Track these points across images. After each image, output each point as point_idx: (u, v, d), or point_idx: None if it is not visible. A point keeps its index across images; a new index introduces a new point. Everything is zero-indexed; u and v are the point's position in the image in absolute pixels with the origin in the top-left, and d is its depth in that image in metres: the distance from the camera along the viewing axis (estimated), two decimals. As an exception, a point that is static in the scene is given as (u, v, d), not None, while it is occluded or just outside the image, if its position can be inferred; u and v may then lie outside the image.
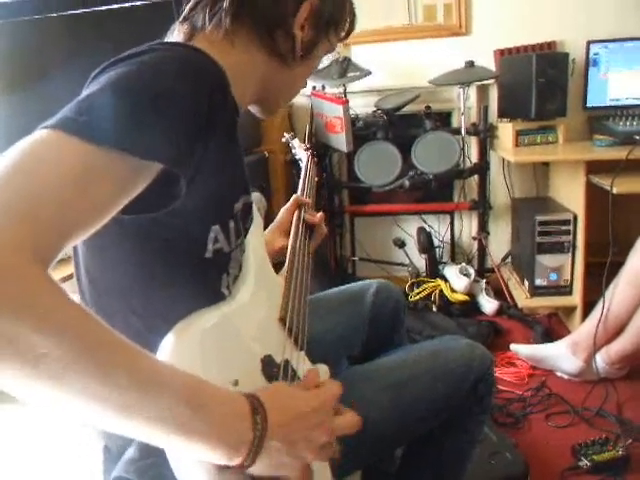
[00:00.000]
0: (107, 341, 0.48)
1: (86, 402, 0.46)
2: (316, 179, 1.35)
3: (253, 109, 0.89)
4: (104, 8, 1.56)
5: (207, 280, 0.72)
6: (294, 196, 1.21)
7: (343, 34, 0.88)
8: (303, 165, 1.42)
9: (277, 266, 0.99)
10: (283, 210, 1.19)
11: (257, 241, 0.85)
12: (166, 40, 0.79)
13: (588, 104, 2.46)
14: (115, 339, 0.49)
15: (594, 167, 2.04)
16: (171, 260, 0.68)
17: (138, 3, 1.53)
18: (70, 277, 1.23)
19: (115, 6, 1.56)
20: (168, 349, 0.61)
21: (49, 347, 0.43)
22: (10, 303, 0.42)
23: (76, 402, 0.46)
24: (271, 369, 0.73)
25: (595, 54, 2.41)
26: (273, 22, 0.75)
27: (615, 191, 1.85)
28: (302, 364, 0.83)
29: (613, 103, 2.42)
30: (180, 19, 0.77)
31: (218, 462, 0.55)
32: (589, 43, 2.41)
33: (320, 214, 1.17)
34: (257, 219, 0.87)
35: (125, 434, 0.50)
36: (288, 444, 0.58)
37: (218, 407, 0.54)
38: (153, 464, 0.67)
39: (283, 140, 1.68)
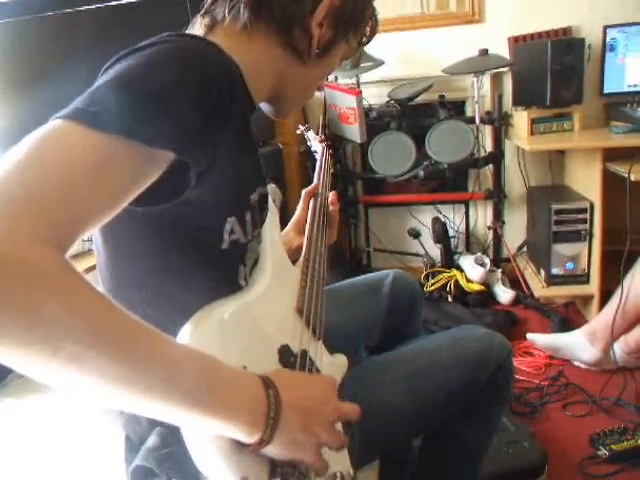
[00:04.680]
0: (126, 324, 0.50)
1: (107, 384, 0.47)
2: (332, 171, 1.34)
3: (266, 108, 0.88)
4: (115, 3, 1.57)
5: (224, 271, 0.73)
6: (303, 191, 1.22)
7: (364, 38, 0.87)
8: (318, 157, 1.42)
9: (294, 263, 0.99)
10: (298, 209, 1.20)
11: (273, 232, 0.86)
12: (181, 32, 0.80)
13: (605, 90, 2.42)
14: (134, 322, 0.50)
15: (611, 154, 2.02)
16: (187, 251, 0.69)
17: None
18: (91, 269, 1.25)
19: (128, 1, 1.57)
20: (186, 339, 0.62)
21: (70, 331, 0.44)
22: (31, 290, 0.43)
23: (97, 384, 0.47)
24: (288, 359, 0.74)
25: (612, 39, 2.36)
26: (291, 17, 0.75)
27: (633, 178, 1.83)
28: (320, 354, 0.83)
29: (631, 89, 2.38)
30: (201, 12, 0.78)
31: (238, 438, 0.57)
32: (606, 28, 2.37)
33: (332, 193, 1.19)
34: (273, 210, 0.88)
35: (145, 414, 0.52)
36: (302, 418, 0.60)
37: (234, 383, 0.57)
38: (172, 453, 0.68)
39: (298, 132, 1.68)
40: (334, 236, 1.18)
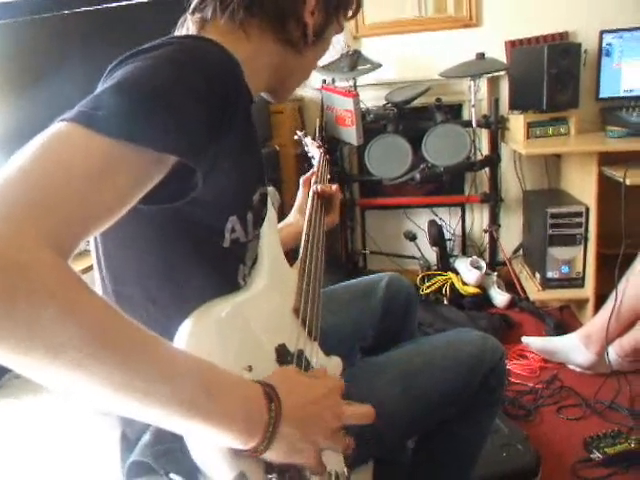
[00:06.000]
0: (126, 331, 0.49)
1: (105, 389, 0.47)
2: (329, 177, 1.36)
3: (265, 95, 0.89)
4: (112, 5, 1.58)
5: (224, 270, 0.73)
6: (301, 180, 1.28)
7: (350, 13, 0.88)
8: (315, 162, 1.43)
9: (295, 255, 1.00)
10: (299, 193, 1.25)
11: (271, 233, 0.86)
12: (177, 31, 0.80)
13: (601, 95, 2.44)
14: (134, 329, 0.50)
15: (607, 158, 2.03)
16: (189, 249, 0.69)
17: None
18: (88, 270, 1.25)
19: (124, 2, 1.58)
20: (185, 336, 0.62)
21: (70, 336, 0.44)
22: (32, 294, 0.43)
23: (95, 389, 0.47)
24: (285, 358, 0.74)
25: (608, 44, 2.38)
26: (285, 12, 0.76)
27: (628, 182, 1.84)
28: (316, 354, 0.84)
29: (626, 94, 2.40)
30: (190, 10, 0.78)
31: (233, 446, 0.56)
32: (602, 33, 2.38)
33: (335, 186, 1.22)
34: (271, 212, 0.88)
35: (143, 419, 0.52)
36: (301, 428, 0.60)
37: (233, 393, 0.56)
38: (168, 449, 0.68)
39: (295, 138, 1.69)
40: (336, 218, 1.20)
